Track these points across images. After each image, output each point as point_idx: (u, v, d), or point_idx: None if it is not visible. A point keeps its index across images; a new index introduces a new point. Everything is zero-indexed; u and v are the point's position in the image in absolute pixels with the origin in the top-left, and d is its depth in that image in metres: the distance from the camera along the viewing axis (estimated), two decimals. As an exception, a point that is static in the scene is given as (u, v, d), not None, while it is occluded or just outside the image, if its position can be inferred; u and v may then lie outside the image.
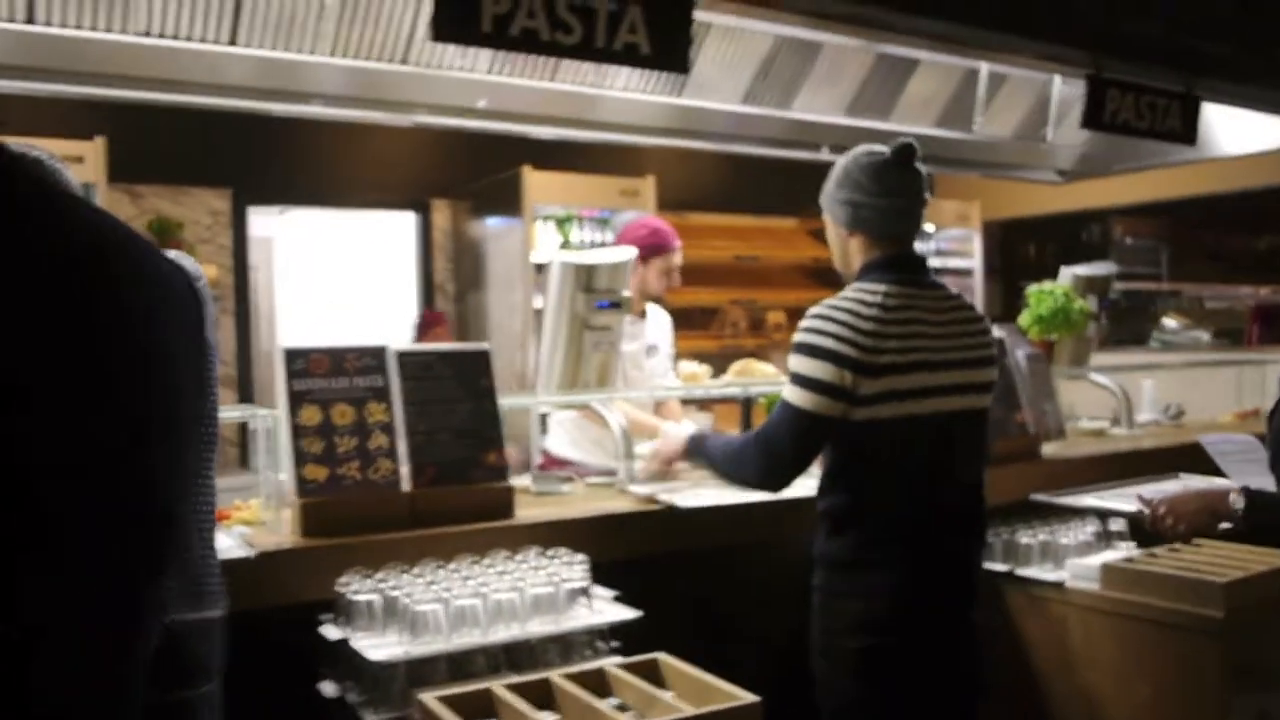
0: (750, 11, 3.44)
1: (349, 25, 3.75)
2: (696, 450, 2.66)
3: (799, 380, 2.27)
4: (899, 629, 2.29)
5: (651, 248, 3.79)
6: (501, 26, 2.46)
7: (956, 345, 2.36)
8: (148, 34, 3.54)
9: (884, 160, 2.36)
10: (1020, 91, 4.65)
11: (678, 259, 3.88)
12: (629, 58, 2.63)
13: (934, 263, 7.29)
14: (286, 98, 3.96)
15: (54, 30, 3.39)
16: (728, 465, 2.50)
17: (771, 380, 3.50)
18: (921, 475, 2.34)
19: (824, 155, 4.35)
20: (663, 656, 2.01)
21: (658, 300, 3.96)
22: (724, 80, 4.05)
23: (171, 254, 1.93)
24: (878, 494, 2.32)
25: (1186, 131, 3.88)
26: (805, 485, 2.45)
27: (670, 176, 6.16)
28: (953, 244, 7.52)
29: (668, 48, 2.67)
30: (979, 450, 2.48)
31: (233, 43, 3.63)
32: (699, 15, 2.78)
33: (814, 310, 2.30)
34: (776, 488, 2.43)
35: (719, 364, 3.85)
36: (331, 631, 2.09)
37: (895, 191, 2.35)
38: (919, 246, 2.49)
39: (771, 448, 2.33)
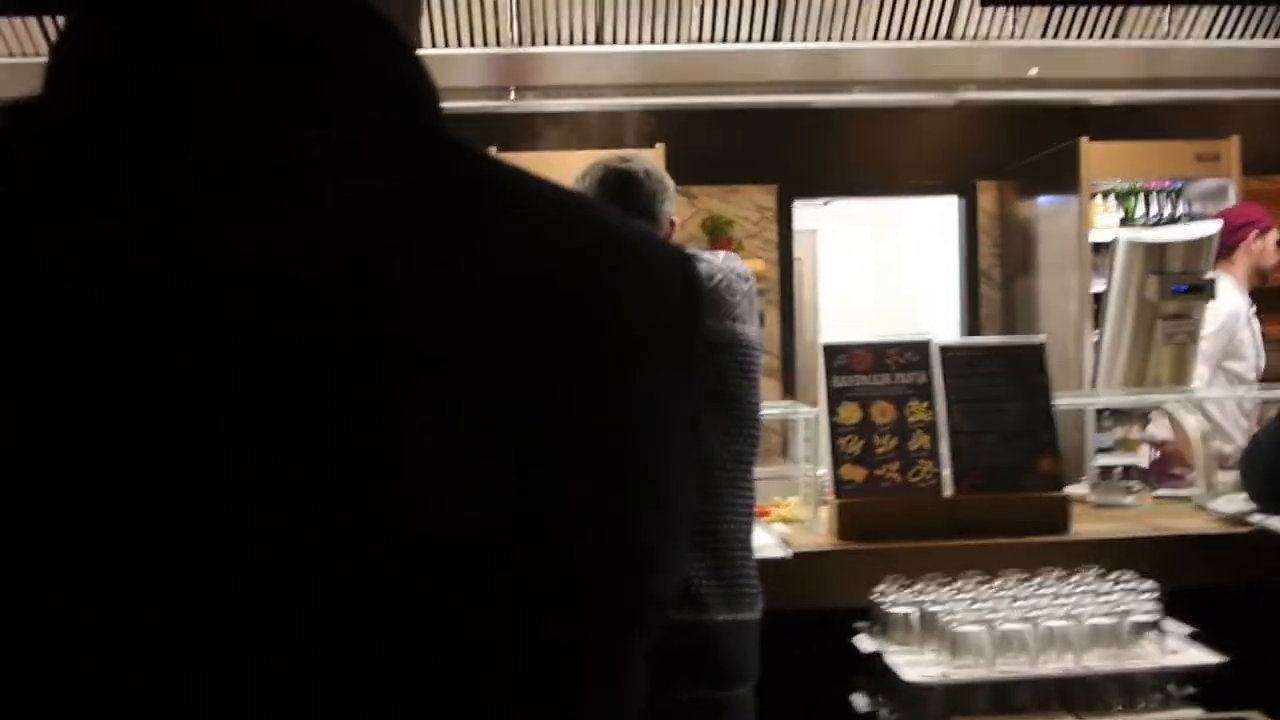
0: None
1: (890, 4, 3.65)
2: None
3: None
4: None
5: None
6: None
7: None
8: (699, 40, 3.71)
9: None
10: None
11: None
12: None
13: None
14: (828, 88, 3.98)
15: (618, 48, 3.67)
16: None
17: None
18: None
19: None
20: (1257, 717, 1.67)
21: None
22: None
23: (720, 254, 1.97)
24: None
25: None
26: None
27: (1257, 135, 5.30)
28: None
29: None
30: None
31: (776, 39, 3.70)
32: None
33: None
34: (1268, 506, 2.12)
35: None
36: (866, 643, 2.00)
37: None
38: None
39: (1253, 455, 1.98)
